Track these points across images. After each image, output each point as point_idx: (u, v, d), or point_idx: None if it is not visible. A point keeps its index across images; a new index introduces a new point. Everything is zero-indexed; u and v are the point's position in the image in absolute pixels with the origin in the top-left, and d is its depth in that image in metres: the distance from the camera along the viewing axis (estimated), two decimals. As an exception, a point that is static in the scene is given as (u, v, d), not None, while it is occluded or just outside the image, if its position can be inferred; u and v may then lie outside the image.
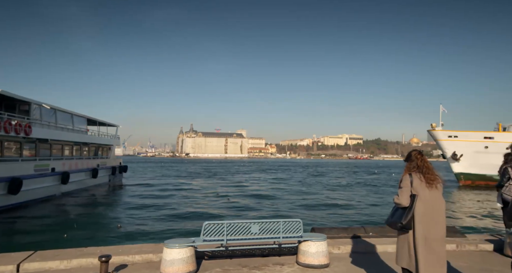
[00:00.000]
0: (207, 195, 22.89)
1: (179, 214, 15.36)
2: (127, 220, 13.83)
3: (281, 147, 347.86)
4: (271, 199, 21.07)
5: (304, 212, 16.45)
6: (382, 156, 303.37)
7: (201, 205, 18.01)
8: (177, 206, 17.67)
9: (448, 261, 5.26)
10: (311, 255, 5.01)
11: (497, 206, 6.20)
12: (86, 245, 7.40)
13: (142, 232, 11.55)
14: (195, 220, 13.68)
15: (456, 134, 34.48)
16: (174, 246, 4.70)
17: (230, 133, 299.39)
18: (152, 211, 16.00)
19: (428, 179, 3.49)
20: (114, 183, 30.18)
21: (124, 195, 23.29)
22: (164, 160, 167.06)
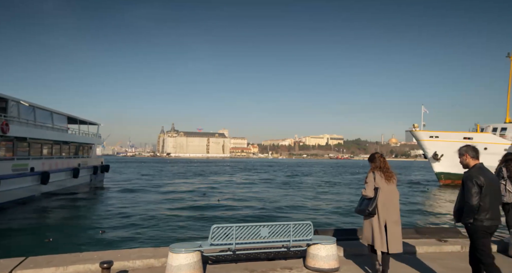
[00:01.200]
0: (193, 196, 22.48)
1: (165, 215, 14.90)
2: (111, 222, 13.32)
3: (263, 146, 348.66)
4: (261, 200, 20.88)
5: (298, 213, 16.36)
6: (362, 156, 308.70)
7: (187, 207, 17.61)
8: (162, 208, 17.19)
9: (456, 263, 5.25)
10: (321, 259, 4.85)
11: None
12: (72, 250, 7.01)
13: (127, 235, 11.07)
14: (182, 222, 13.29)
15: (437, 134, 35.32)
16: (180, 251, 4.44)
17: (212, 133, 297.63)
18: (136, 213, 15.45)
19: (386, 176, 4.53)
20: (96, 183, 29.27)
21: (107, 196, 22.58)
22: (145, 159, 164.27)
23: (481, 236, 3.79)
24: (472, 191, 3.68)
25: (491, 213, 3.74)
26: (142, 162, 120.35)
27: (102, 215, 15.26)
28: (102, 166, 31.31)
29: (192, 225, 12.85)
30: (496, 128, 35.98)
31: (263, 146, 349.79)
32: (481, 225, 3.73)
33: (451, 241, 6.12)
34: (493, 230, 3.86)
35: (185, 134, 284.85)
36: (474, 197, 3.66)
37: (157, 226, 12.79)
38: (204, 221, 13.56)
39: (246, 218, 14.41)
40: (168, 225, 12.83)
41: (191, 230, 11.99)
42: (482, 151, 34.27)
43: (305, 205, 18.70)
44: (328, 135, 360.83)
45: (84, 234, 11.29)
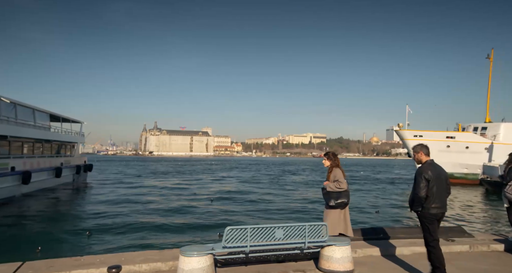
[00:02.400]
0: (183, 195, 22.09)
1: (154, 216, 14.50)
2: (97, 223, 12.83)
3: (247, 145, 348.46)
4: (253, 199, 20.71)
5: (293, 212, 16.28)
6: (345, 154, 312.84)
7: (178, 206, 17.24)
8: (150, 208, 16.76)
9: (469, 263, 5.20)
10: (336, 261, 4.71)
11: (505, 204, 6.23)
12: (64, 253, 6.64)
13: (114, 236, 10.69)
14: (171, 223, 12.94)
15: (421, 134, 36.02)
16: (192, 254, 4.21)
17: (196, 132, 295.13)
18: (123, 213, 15.00)
19: (343, 171, 5.67)
20: (79, 183, 28.44)
21: (90, 196, 21.92)
22: (127, 158, 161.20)
23: (429, 222, 4.36)
24: (421, 184, 4.25)
25: (438, 202, 4.30)
26: (125, 160, 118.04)
27: (87, 215, 14.72)
28: (85, 165, 30.47)
29: (186, 226, 12.53)
30: (477, 127, 37.02)
31: (246, 145, 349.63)
32: (428, 212, 4.32)
33: (459, 241, 6.10)
34: (440, 217, 4.44)
35: (168, 133, 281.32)
36: (422, 190, 4.25)
37: (146, 226, 12.42)
38: (199, 222, 13.26)
39: (242, 218, 14.20)
40: (159, 226, 12.46)
41: (185, 231, 11.70)
42: (464, 149, 35.30)
43: (298, 202, 18.65)
44: (311, 134, 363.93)
45: (71, 236, 10.80)
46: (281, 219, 14.21)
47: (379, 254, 5.55)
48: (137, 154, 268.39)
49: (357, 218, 14.51)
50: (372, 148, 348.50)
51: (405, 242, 6.02)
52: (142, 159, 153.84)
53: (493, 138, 34.67)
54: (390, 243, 5.94)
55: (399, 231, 6.57)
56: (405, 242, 5.99)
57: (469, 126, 37.87)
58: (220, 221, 13.34)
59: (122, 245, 9.80)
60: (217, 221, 13.38)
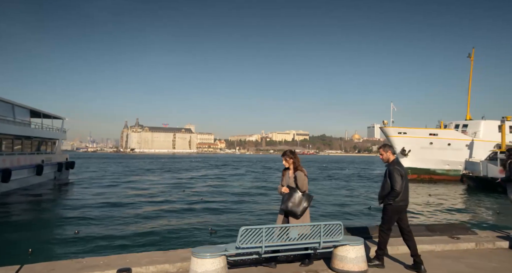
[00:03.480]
0: (172, 193, 21.67)
1: (140, 214, 14.08)
2: (83, 222, 12.38)
3: (230, 142, 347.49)
4: (242, 196, 20.52)
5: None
6: (327, 151, 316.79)
7: (167, 205, 16.86)
8: (137, 206, 16.29)
9: (478, 261, 5.17)
10: (351, 261, 4.59)
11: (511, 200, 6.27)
12: (56, 256, 6.30)
13: (105, 237, 10.28)
14: (161, 222, 12.59)
15: (405, 131, 36.59)
16: (205, 256, 4.02)
17: (179, 129, 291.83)
18: (110, 212, 14.51)
19: (306, 174, 5.05)
20: (61, 181, 27.54)
21: (73, 194, 21.23)
22: (108, 155, 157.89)
23: (394, 214, 4.85)
24: (398, 179, 4.69)
25: (404, 196, 4.79)
26: (106, 157, 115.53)
27: (72, 215, 14.12)
28: (67, 162, 29.53)
29: (177, 224, 12.22)
30: (458, 125, 37.95)
31: (230, 142, 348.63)
32: (396, 205, 4.78)
33: (464, 238, 6.10)
34: (404, 209, 4.91)
35: (150, 130, 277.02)
36: (399, 184, 4.68)
37: (135, 226, 12.06)
38: (191, 221, 12.97)
39: (235, 216, 14.00)
40: (148, 225, 12.09)
41: (177, 230, 11.38)
42: (446, 146, 36.09)
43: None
44: (294, 131, 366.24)
45: (59, 237, 10.33)
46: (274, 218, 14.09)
47: (388, 253, 5.46)
48: (118, 151, 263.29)
49: (353, 214, 14.59)
50: (353, 145, 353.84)
51: (411, 239, 5.96)
52: (124, 156, 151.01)
53: (473, 135, 35.58)
54: (397, 241, 5.86)
55: (404, 228, 6.52)
56: (411, 240, 5.93)
57: (451, 123, 38.79)
58: (213, 220, 13.11)
59: (114, 245, 9.45)
60: (209, 220, 13.13)
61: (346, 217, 14.02)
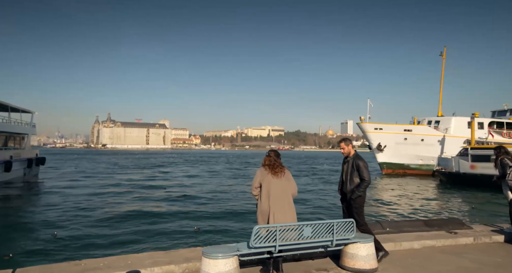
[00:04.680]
0: (149, 191, 21.06)
1: (119, 213, 13.49)
2: (59, 222, 11.71)
3: (206, 138, 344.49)
4: (227, 193, 20.24)
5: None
6: (302, 147, 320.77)
7: (147, 203, 16.32)
8: (114, 204, 15.68)
9: (481, 256, 5.18)
10: (362, 259, 4.48)
11: (509, 196, 6.39)
12: (40, 260, 5.84)
13: (86, 238, 9.75)
14: (139, 220, 12.12)
15: (381, 127, 37.45)
16: (217, 257, 3.81)
17: (152, 124, 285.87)
18: (86, 211, 13.87)
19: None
20: (31, 177, 26.17)
21: (45, 191, 20.23)
22: (78, 151, 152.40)
23: (362, 206, 5.03)
24: (367, 171, 4.89)
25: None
26: (76, 153, 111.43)
27: (46, 214, 13.37)
28: (37, 158, 28.10)
29: (162, 223, 11.82)
30: (431, 121, 39.21)
31: (205, 137, 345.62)
32: (364, 197, 5.02)
33: (461, 233, 6.18)
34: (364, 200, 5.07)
35: (123, 125, 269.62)
36: (369, 175, 4.90)
37: (115, 223, 11.59)
38: (175, 219, 12.58)
39: (219, 213, 13.74)
40: (132, 224, 11.61)
41: (161, 229, 11.00)
42: (420, 142, 37.25)
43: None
44: (270, 127, 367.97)
45: (37, 240, 9.63)
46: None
47: (392, 249, 5.41)
48: (89, 147, 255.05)
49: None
50: (327, 141, 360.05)
51: (412, 235, 5.97)
52: (95, 152, 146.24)
53: (445, 131, 36.89)
54: (399, 237, 5.87)
55: (403, 224, 6.55)
56: (412, 236, 5.94)
57: (424, 120, 40.00)
58: (196, 217, 12.80)
59: (97, 246, 8.97)
60: (192, 217, 12.81)
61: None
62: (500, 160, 6.53)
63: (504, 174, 6.38)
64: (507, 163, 6.34)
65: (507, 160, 6.39)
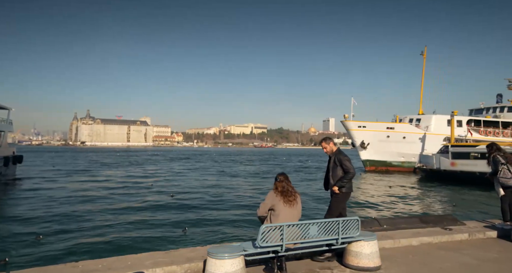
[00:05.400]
0: (135, 189, 20.60)
1: (105, 213, 13.08)
2: (42, 224, 11.22)
3: (188, 135, 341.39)
4: (215, 192, 20.01)
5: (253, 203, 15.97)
6: (285, 144, 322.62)
7: (134, 202, 15.93)
8: (98, 204, 15.22)
9: (478, 252, 5.23)
10: (366, 257, 4.46)
11: (500, 193, 6.53)
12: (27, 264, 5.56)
13: (72, 239, 9.41)
14: (131, 221, 11.79)
15: (365, 124, 37.97)
16: (223, 257, 3.72)
17: (134, 121, 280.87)
18: (69, 212, 13.30)
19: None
20: (8, 176, 25.16)
21: (24, 192, 19.42)
22: (55, 149, 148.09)
23: (341, 202, 5.03)
24: (350, 163, 4.96)
25: (349, 183, 5.01)
26: (54, 151, 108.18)
27: (27, 216, 12.78)
28: (14, 156, 27.01)
29: (151, 223, 11.54)
30: (412, 119, 40.03)
31: (187, 135, 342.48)
32: (345, 192, 5.00)
33: (456, 229, 6.26)
34: (348, 197, 5.14)
35: (103, 122, 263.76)
36: (353, 167, 4.96)
37: (101, 224, 11.20)
38: (164, 219, 12.31)
39: (208, 213, 13.55)
40: (119, 225, 11.26)
41: (151, 229, 10.74)
42: (401, 139, 37.99)
43: (250, 194, 18.46)
44: (253, 125, 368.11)
45: (20, 243, 9.16)
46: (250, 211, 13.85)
47: (391, 246, 5.44)
48: (67, 144, 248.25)
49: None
50: (310, 138, 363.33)
51: (409, 232, 6.02)
52: (74, 149, 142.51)
53: (425, 128, 37.74)
54: (396, 234, 5.90)
55: (399, 221, 6.60)
56: (409, 233, 5.99)
57: (405, 118, 40.80)
58: (185, 216, 12.57)
59: (87, 249, 8.64)
60: (181, 216, 12.56)
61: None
62: (493, 157, 6.64)
63: (496, 170, 6.51)
64: (499, 160, 6.46)
65: (500, 157, 6.52)
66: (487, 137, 36.26)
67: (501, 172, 6.43)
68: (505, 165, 6.37)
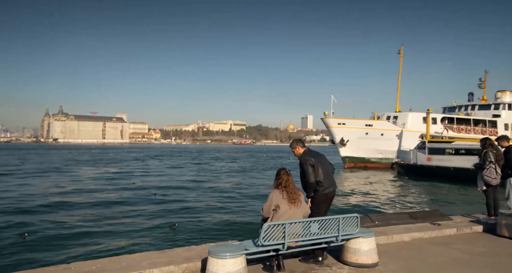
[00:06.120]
0: (116, 188, 20.05)
1: (87, 211, 12.70)
2: (27, 224, 10.77)
3: (166, 132, 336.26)
4: (198, 189, 19.77)
5: (241, 203, 15.91)
6: (264, 141, 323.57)
7: (117, 201, 15.47)
8: (79, 203, 14.72)
9: (468, 247, 5.38)
10: (364, 254, 4.50)
11: (480, 188, 6.74)
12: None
13: (58, 239, 9.08)
14: (116, 221, 11.47)
15: (344, 121, 38.59)
16: (225, 256, 3.66)
17: (109, 117, 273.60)
18: (47, 209, 12.90)
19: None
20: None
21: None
22: (26, 146, 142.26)
23: (322, 202, 4.70)
24: (309, 171, 4.57)
25: (327, 183, 4.64)
26: (25, 148, 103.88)
27: (4, 215, 12.21)
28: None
29: (136, 223, 11.26)
30: (390, 116, 41.07)
31: (165, 132, 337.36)
32: (322, 194, 4.65)
33: (444, 224, 6.44)
34: (332, 195, 4.82)
35: (77, 118, 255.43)
36: (311, 176, 4.56)
37: (86, 223, 10.86)
38: (151, 218, 12.03)
39: (194, 210, 13.37)
40: (103, 225, 10.92)
41: (138, 229, 10.47)
42: (380, 136, 38.84)
43: (235, 190, 18.41)
44: (232, 121, 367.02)
45: (6, 244, 8.72)
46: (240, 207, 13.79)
47: (384, 242, 5.52)
48: (38, 141, 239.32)
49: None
50: (288, 135, 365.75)
51: (400, 228, 6.13)
52: (47, 146, 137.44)
53: (402, 125, 38.80)
54: (389, 230, 5.99)
55: (390, 217, 6.71)
56: (400, 228, 6.10)
57: (383, 115, 41.80)
58: (171, 215, 12.35)
59: (71, 246, 8.34)
60: (166, 215, 12.33)
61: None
62: (485, 153, 6.76)
63: (482, 166, 6.70)
64: (489, 158, 6.61)
65: (491, 154, 6.64)
66: (460, 134, 37.75)
67: (487, 170, 6.62)
68: (493, 164, 6.55)
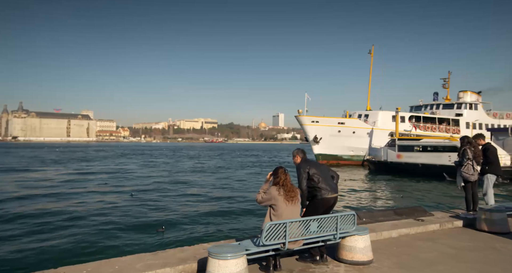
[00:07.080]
0: (89, 189, 19.22)
1: (62, 215, 12.05)
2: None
3: (135, 130, 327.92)
4: (174, 189, 19.32)
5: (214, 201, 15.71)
6: (236, 139, 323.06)
7: (91, 204, 14.83)
8: (47, 204, 13.98)
9: (453, 242, 5.54)
10: (360, 251, 4.54)
11: (459, 184, 7.01)
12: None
13: (37, 240, 8.60)
14: (93, 223, 10.97)
15: (318, 119, 39.20)
16: (226, 257, 3.56)
17: (74, 115, 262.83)
18: (17, 214, 12.11)
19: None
20: None
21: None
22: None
23: (320, 207, 4.61)
24: (301, 177, 4.58)
25: (325, 188, 4.57)
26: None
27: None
28: None
29: (117, 225, 10.82)
30: (361, 115, 42.16)
31: (134, 130, 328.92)
32: (321, 198, 4.56)
33: (427, 220, 6.65)
34: (333, 202, 4.69)
35: (38, 115, 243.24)
36: (303, 182, 4.56)
37: (62, 227, 10.33)
38: (129, 220, 11.59)
39: (175, 211, 13.05)
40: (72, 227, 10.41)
41: (116, 232, 10.07)
42: (351, 134, 39.76)
43: (212, 188, 18.22)
44: (203, 119, 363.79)
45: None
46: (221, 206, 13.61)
47: (374, 239, 5.58)
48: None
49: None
50: (260, 133, 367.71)
51: (387, 224, 6.26)
52: (5, 145, 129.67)
53: (373, 124, 39.96)
54: (377, 227, 6.11)
55: (377, 214, 6.84)
56: (388, 225, 6.23)
57: (355, 113, 42.85)
58: (154, 216, 11.97)
59: (51, 252, 7.86)
60: (149, 216, 11.94)
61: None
62: (463, 150, 7.02)
63: (461, 163, 6.98)
64: (467, 155, 6.89)
65: (469, 151, 6.92)
66: (426, 132, 39.46)
67: (465, 167, 6.91)
68: (470, 161, 6.84)
